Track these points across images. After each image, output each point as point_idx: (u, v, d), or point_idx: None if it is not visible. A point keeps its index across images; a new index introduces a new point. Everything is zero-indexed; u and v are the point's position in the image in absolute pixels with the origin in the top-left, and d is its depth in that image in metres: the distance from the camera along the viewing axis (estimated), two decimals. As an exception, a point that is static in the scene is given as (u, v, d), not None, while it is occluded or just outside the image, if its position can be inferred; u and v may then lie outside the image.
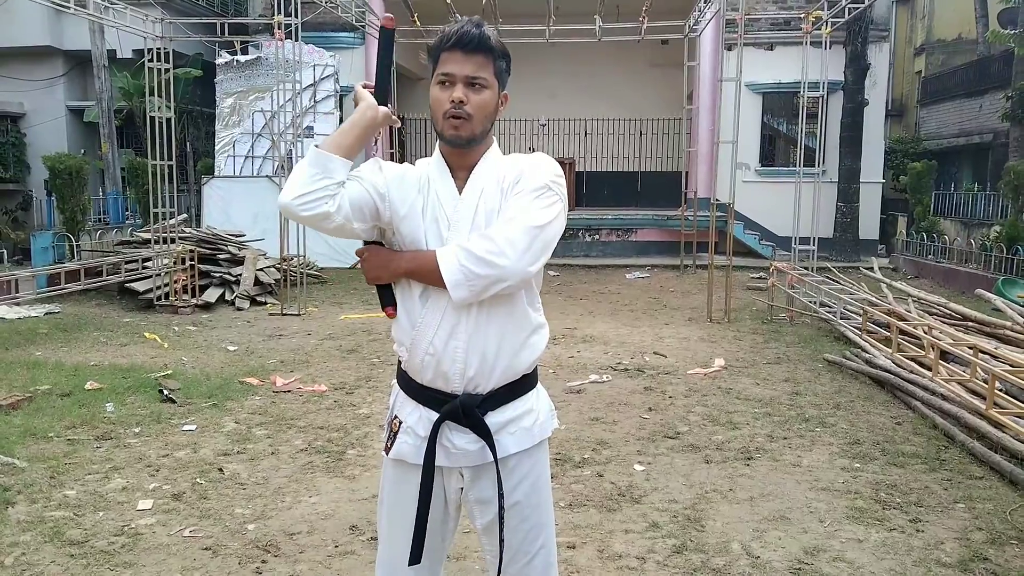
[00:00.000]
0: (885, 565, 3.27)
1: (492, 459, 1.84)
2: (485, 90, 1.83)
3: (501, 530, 1.87)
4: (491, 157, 1.91)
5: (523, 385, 1.93)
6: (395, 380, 2.01)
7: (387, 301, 1.92)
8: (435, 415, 1.86)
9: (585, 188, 18.58)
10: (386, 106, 1.91)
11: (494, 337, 1.83)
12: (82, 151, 15.81)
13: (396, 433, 1.93)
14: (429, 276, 1.78)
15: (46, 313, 9.05)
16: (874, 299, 8.17)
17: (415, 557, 1.88)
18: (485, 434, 1.85)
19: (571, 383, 6.18)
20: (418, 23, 13.23)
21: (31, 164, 16.14)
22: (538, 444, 1.95)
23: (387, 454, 1.95)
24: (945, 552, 3.38)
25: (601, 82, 18.46)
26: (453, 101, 1.80)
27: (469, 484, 1.92)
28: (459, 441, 1.87)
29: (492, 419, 1.87)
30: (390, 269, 1.88)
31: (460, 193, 1.88)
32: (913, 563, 3.28)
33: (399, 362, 1.97)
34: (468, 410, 1.84)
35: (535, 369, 1.98)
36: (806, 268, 9.92)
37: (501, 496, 1.86)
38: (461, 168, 1.90)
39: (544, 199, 1.79)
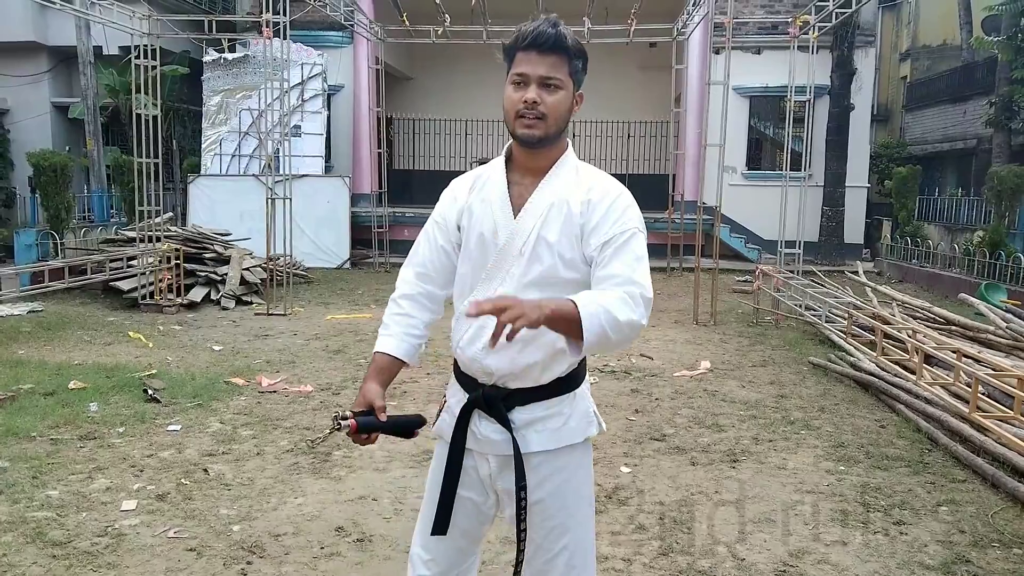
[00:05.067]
0: (869, 568, 3.29)
1: (515, 452, 1.90)
2: (560, 90, 1.82)
3: (519, 521, 1.90)
4: (564, 170, 1.90)
5: (557, 387, 1.92)
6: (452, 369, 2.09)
7: None
8: (467, 399, 1.95)
9: (573, 190, 18.56)
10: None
11: (517, 346, 1.79)
12: (67, 148, 15.68)
13: (441, 411, 2.04)
14: (567, 327, 1.65)
15: (29, 311, 8.96)
16: (859, 303, 8.22)
17: (438, 528, 1.94)
18: (507, 427, 1.89)
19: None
20: (407, 22, 13.21)
21: (15, 161, 15.98)
22: (568, 447, 1.94)
23: (432, 427, 2.05)
24: (928, 555, 3.41)
25: (589, 84, 17.67)
26: (526, 102, 1.79)
27: (496, 473, 1.95)
28: (484, 429, 1.94)
29: (518, 415, 1.91)
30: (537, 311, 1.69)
31: (517, 198, 1.89)
32: (897, 566, 3.31)
33: None
34: (491, 402, 1.90)
35: (574, 375, 1.95)
36: (792, 271, 9.98)
37: (520, 489, 1.88)
38: (529, 172, 1.90)
39: (638, 248, 1.83)
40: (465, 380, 1.97)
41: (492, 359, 1.86)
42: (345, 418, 1.82)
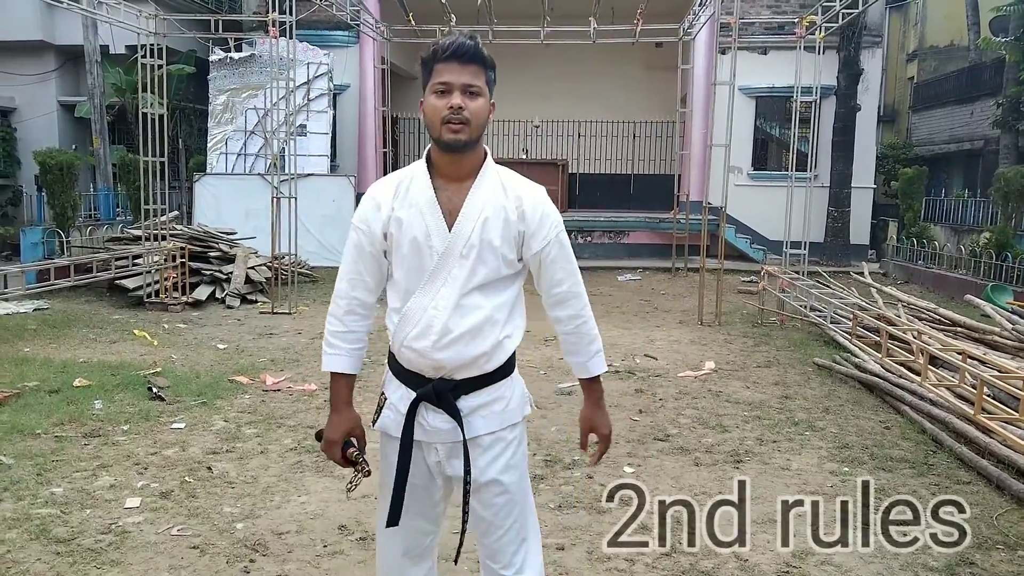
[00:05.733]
0: (872, 569, 3.29)
1: (463, 440, 2.03)
2: (479, 97, 1.98)
3: (465, 503, 2.06)
4: (488, 176, 2.04)
5: (495, 375, 2.09)
6: (387, 363, 2.20)
7: None
8: (414, 395, 2.06)
9: (578, 190, 18.58)
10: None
11: (464, 341, 2.00)
12: (73, 146, 15.71)
13: (381, 408, 2.15)
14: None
15: (35, 309, 8.99)
16: (864, 304, 8.20)
17: (392, 519, 2.07)
18: (457, 416, 2.03)
19: (561, 384, 6.18)
20: (413, 22, 13.23)
21: (21, 159, 16.01)
22: (510, 426, 2.13)
23: (373, 426, 2.18)
24: (932, 556, 3.39)
25: (595, 84, 18.48)
26: (452, 107, 1.94)
27: (445, 460, 2.09)
28: (433, 420, 2.06)
29: (465, 403, 2.06)
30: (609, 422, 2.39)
31: (446, 202, 2.01)
32: (900, 567, 3.30)
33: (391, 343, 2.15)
34: (441, 394, 2.03)
35: (510, 360, 2.13)
36: (797, 272, 9.96)
37: (467, 473, 2.04)
38: (454, 178, 2.03)
39: (567, 243, 2.11)
40: (408, 376, 2.08)
41: (443, 353, 1.99)
42: (366, 466, 2.14)
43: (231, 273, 10.15)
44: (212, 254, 10.38)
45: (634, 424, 5.24)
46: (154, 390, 5.68)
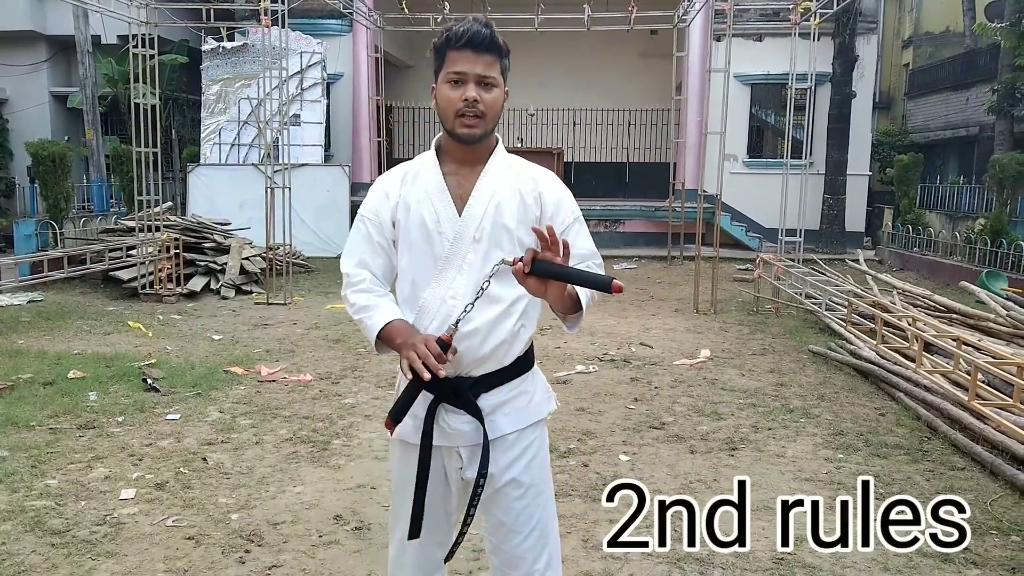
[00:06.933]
0: (868, 555, 3.29)
1: (484, 439, 1.91)
2: (495, 88, 1.89)
3: (470, 507, 1.93)
4: (499, 160, 1.97)
5: (515, 369, 1.99)
6: (399, 365, 2.04)
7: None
8: (431, 397, 1.92)
9: (573, 179, 18.52)
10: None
11: (481, 334, 1.90)
12: (66, 138, 15.63)
13: None
14: (572, 305, 1.89)
15: (29, 301, 8.96)
16: (859, 291, 8.20)
17: (413, 532, 1.94)
18: (477, 415, 1.92)
19: (557, 373, 6.18)
20: (406, 10, 13.16)
21: (14, 151, 15.95)
22: (533, 424, 2.02)
23: (391, 434, 2.02)
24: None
25: (590, 72, 18.42)
26: (467, 100, 1.85)
27: (467, 463, 1.98)
28: (454, 422, 1.95)
29: (485, 401, 1.95)
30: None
31: (456, 187, 1.94)
32: (895, 553, 3.31)
33: None
34: (460, 392, 1.92)
35: (530, 353, 2.03)
36: (792, 260, 9.96)
37: (481, 476, 1.90)
38: (466, 163, 1.96)
39: (584, 224, 2.02)
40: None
41: (462, 344, 1.88)
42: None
43: (226, 264, 10.12)
44: (206, 245, 10.35)
45: (629, 412, 5.24)
46: (149, 381, 5.66)
